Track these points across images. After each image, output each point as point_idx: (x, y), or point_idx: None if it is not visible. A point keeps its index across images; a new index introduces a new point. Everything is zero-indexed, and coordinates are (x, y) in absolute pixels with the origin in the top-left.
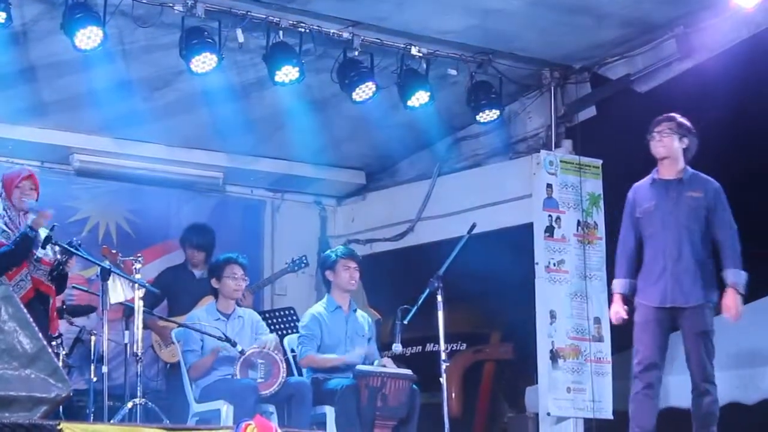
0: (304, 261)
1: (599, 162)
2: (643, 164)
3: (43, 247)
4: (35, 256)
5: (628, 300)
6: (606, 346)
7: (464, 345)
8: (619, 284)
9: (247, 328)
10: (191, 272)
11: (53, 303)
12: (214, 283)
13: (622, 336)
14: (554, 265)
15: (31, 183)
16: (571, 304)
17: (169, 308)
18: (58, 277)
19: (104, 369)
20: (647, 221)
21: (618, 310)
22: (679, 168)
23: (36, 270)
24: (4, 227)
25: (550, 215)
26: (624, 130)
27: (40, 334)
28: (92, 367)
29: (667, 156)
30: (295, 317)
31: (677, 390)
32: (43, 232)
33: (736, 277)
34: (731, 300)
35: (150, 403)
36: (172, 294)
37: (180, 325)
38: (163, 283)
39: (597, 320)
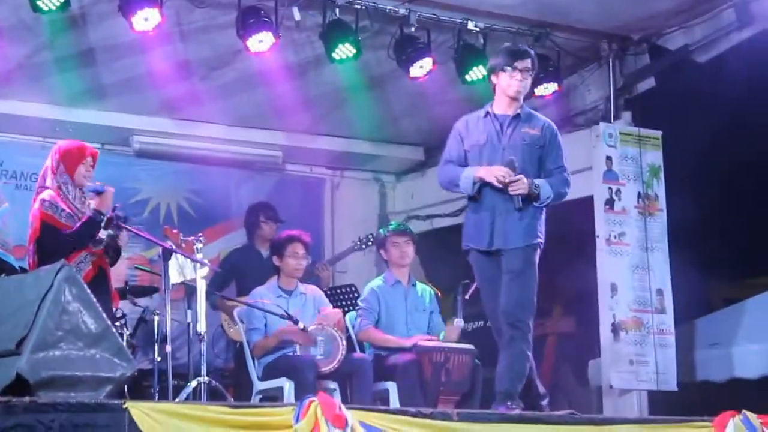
0: (371, 239)
1: (659, 133)
2: (704, 134)
3: (105, 229)
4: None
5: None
6: (669, 318)
7: None
8: (470, 169)
9: (309, 304)
10: (258, 252)
11: (110, 277)
12: (275, 260)
13: (684, 308)
14: (615, 237)
15: (93, 160)
16: (633, 276)
17: (238, 289)
18: (113, 253)
19: (168, 348)
20: (476, 156)
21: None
22: (519, 105)
23: (97, 245)
24: (66, 208)
25: (610, 187)
26: (684, 100)
27: (104, 314)
28: (156, 347)
29: (520, 96)
30: (356, 294)
31: (741, 360)
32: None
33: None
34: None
35: (214, 382)
36: (240, 274)
37: (243, 304)
38: (231, 263)
39: (659, 292)
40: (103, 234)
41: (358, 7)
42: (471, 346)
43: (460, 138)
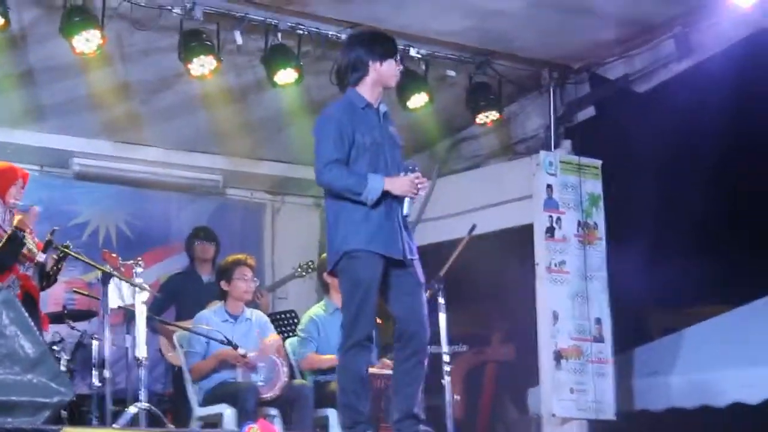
0: (311, 266)
1: (599, 162)
2: (643, 163)
3: (44, 252)
4: (34, 261)
5: None
6: (607, 347)
7: (465, 347)
8: (375, 179)
9: (254, 330)
10: (199, 276)
11: (38, 301)
12: (223, 285)
13: (624, 336)
14: (555, 265)
15: (23, 182)
16: (573, 304)
17: (177, 313)
18: (46, 278)
19: (106, 373)
20: (373, 155)
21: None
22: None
23: (26, 269)
24: None
25: (550, 216)
26: (623, 130)
27: (42, 338)
28: (94, 372)
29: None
30: (296, 320)
31: (680, 390)
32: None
33: None
34: None
35: (153, 408)
36: (180, 299)
37: (182, 329)
38: (171, 288)
39: (598, 321)
40: (41, 257)
41: (301, 32)
42: None
43: (343, 132)
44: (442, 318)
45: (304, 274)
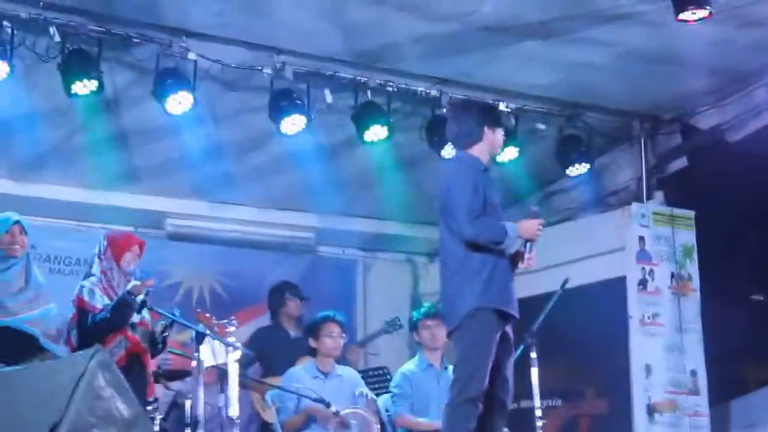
0: (398, 323)
1: (692, 213)
2: (737, 214)
3: (139, 312)
4: (131, 322)
5: None
6: (703, 400)
7: (559, 401)
8: (510, 227)
9: (345, 386)
10: (286, 331)
11: (148, 365)
12: (311, 342)
13: (719, 389)
14: (649, 318)
15: (139, 249)
16: (667, 357)
17: (263, 369)
18: (157, 343)
19: None
20: (496, 215)
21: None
22: None
23: (134, 331)
24: (101, 292)
25: (643, 268)
26: (716, 180)
27: (137, 400)
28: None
29: None
30: (388, 376)
31: None
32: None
33: None
34: None
35: None
36: (266, 354)
37: (273, 387)
38: (257, 343)
39: (693, 373)
40: (136, 318)
41: (390, 89)
42: (505, 430)
43: (478, 186)
44: (534, 372)
45: (391, 330)
